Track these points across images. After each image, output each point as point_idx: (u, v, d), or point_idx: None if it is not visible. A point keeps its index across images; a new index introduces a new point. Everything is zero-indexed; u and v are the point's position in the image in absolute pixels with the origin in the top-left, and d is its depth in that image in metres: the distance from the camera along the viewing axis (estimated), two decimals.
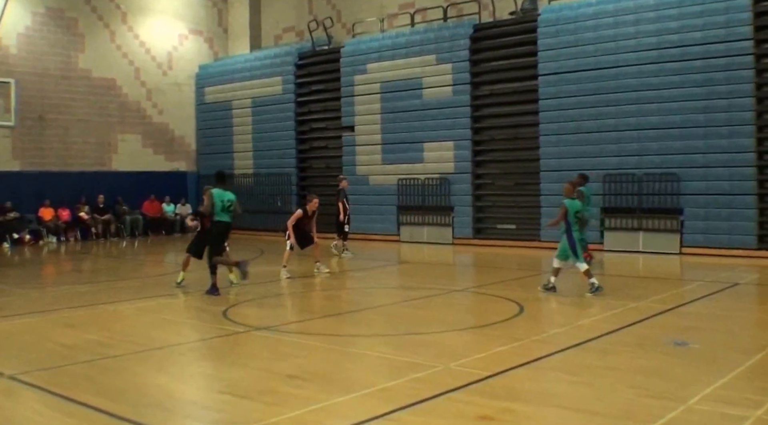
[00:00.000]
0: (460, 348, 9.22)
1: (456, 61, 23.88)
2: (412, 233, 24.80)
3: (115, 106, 29.54)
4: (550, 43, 21.89)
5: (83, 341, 9.93)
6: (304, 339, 10.02)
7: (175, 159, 31.43)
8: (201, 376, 8.44)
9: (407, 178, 24.90)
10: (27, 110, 26.47)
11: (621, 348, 9.01)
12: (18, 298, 14.05)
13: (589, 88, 21.08)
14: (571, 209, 13.05)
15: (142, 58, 30.42)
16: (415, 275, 17.70)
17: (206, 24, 32.61)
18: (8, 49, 26.42)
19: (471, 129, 23.80)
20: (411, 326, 10.92)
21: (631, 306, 11.83)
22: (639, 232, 20.32)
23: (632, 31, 20.47)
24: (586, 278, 13.08)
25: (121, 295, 14.05)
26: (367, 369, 8.41)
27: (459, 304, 13.24)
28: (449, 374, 7.84)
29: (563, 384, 7.53)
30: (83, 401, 7.09)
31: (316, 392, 7.32)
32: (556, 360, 8.44)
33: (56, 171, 27.35)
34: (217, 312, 11.83)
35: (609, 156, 20.77)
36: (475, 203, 23.87)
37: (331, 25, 28.42)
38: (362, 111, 26.21)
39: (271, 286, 15.07)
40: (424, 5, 26.31)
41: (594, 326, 10.36)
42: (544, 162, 21.94)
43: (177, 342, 10.17)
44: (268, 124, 29.37)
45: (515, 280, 14.47)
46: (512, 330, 10.27)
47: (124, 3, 29.85)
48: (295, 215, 16.23)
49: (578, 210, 13.21)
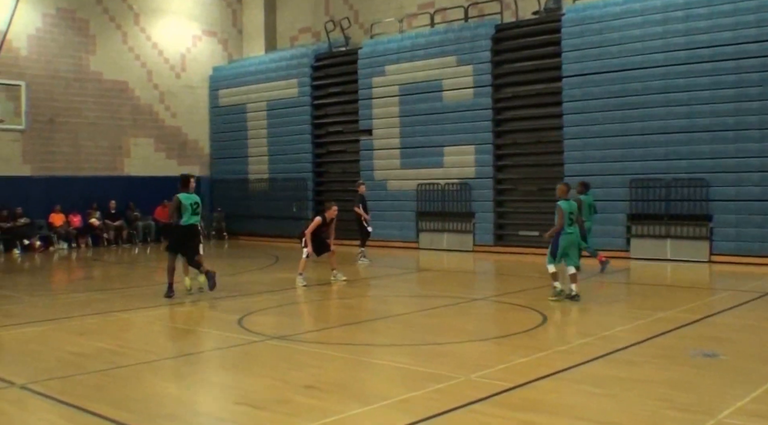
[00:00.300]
0: (481, 359, 9.22)
1: (477, 63, 23.90)
2: (432, 239, 24.82)
3: (127, 109, 29.76)
4: (575, 43, 21.88)
5: (95, 349, 10.01)
6: (321, 348, 10.06)
7: (188, 164, 31.52)
8: (216, 386, 8.49)
9: (427, 183, 24.93)
10: (37, 113, 26.68)
11: (647, 360, 8.99)
12: (28, 306, 14.17)
13: (615, 91, 21.05)
14: (566, 210, 13.13)
15: (154, 60, 30.63)
16: (435, 283, 17.72)
17: (220, 25, 32.80)
18: (18, 52, 26.66)
19: (492, 133, 23.80)
20: (430, 335, 10.94)
21: (658, 316, 11.80)
22: (666, 239, 20.25)
23: (660, 30, 20.43)
24: (551, 280, 13.24)
25: (133, 303, 14.14)
26: (386, 380, 8.43)
27: (480, 313, 13.25)
28: (470, 385, 7.85)
29: (588, 396, 7.53)
30: (96, 411, 7.14)
31: (334, 403, 7.36)
32: (580, 372, 8.43)
33: (67, 176, 27.56)
34: (232, 321, 11.88)
35: (635, 161, 20.73)
36: (496, 209, 23.86)
37: (349, 26, 28.50)
38: (380, 114, 26.27)
39: (287, 294, 15.13)
40: (444, 5, 26.36)
41: (619, 336, 10.34)
42: (569, 167, 21.90)
43: (191, 350, 10.25)
44: (283, 127, 29.48)
45: (538, 289, 14.46)
46: (535, 341, 10.28)
47: (136, 4, 30.08)
48: (314, 223, 16.22)
49: (572, 211, 13.24)
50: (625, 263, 19.82)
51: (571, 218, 13.18)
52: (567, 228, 13.14)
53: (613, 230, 20.92)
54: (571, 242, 13.32)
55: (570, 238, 13.23)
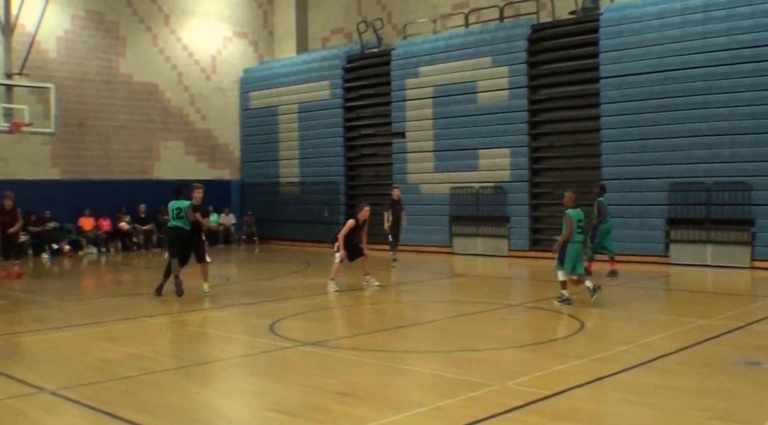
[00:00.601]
0: (517, 366, 9.21)
1: (513, 64, 23.84)
2: (466, 244, 24.78)
3: (157, 112, 30.00)
4: (613, 43, 21.76)
5: (125, 355, 10.11)
6: (354, 354, 10.09)
7: (218, 167, 31.77)
8: (248, 392, 8.54)
9: (461, 187, 24.91)
10: (67, 116, 26.88)
11: (688, 368, 8.94)
12: (57, 311, 14.35)
13: (654, 92, 20.91)
14: (575, 218, 13.32)
15: (184, 62, 30.85)
16: (469, 289, 17.70)
17: (251, 26, 32.98)
18: (47, 54, 26.96)
19: (528, 135, 23.75)
20: (465, 342, 10.94)
21: (698, 324, 11.73)
22: (707, 245, 20.07)
23: (701, 30, 20.28)
24: (560, 287, 13.46)
25: (163, 308, 14.27)
26: (420, 387, 8.45)
27: (515, 320, 13.23)
28: (506, 393, 7.85)
29: (627, 405, 7.50)
30: (127, 417, 7.21)
31: (368, 410, 7.39)
32: (619, 380, 8.40)
33: (96, 179, 27.82)
34: (264, 326, 11.94)
35: (675, 164, 20.57)
36: (532, 213, 23.79)
37: (381, 27, 28.55)
38: (414, 116, 26.27)
39: (319, 299, 15.19)
40: (479, 5, 26.30)
41: (659, 344, 10.28)
42: (606, 170, 21.78)
43: (222, 356, 10.31)
44: (315, 130, 29.56)
45: (575, 295, 14.40)
46: (573, 348, 10.25)
47: (166, 5, 30.32)
48: (347, 226, 16.16)
49: (581, 220, 13.46)
50: (665, 269, 19.70)
51: (579, 227, 13.39)
52: (575, 237, 13.33)
53: (652, 235, 20.80)
54: (578, 251, 13.49)
55: (577, 247, 13.41)
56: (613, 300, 15.16)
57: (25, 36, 25.28)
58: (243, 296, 16.34)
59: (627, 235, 20.95)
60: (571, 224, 13.29)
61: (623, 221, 21.16)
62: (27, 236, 25.18)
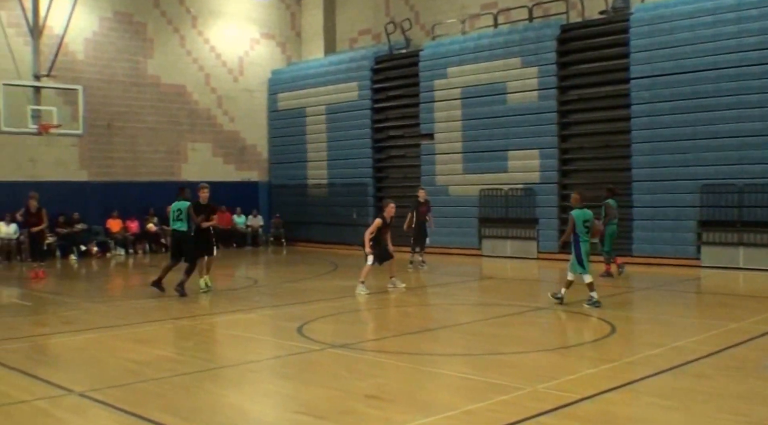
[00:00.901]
0: (547, 369, 9.17)
1: (542, 64, 23.78)
2: (495, 246, 24.73)
3: (185, 113, 30.19)
4: (644, 44, 21.65)
5: (154, 357, 10.17)
6: (382, 357, 10.11)
7: (246, 169, 31.92)
8: (276, 395, 8.57)
9: (489, 188, 24.86)
10: (94, 117, 27.10)
11: (720, 372, 8.88)
12: (86, 312, 14.46)
13: (686, 93, 20.78)
14: (578, 219, 13.50)
15: (212, 64, 31.02)
16: (498, 291, 17.67)
17: (279, 28, 33.10)
18: (75, 55, 27.22)
19: (558, 136, 23.68)
20: (494, 345, 10.93)
21: (731, 327, 11.64)
22: (739, 247, 19.89)
23: (733, 30, 20.13)
24: (588, 290, 13.53)
25: (191, 310, 14.35)
26: (449, 390, 8.43)
27: (545, 322, 13.16)
28: (536, 397, 7.82)
29: (658, 409, 7.44)
30: (155, 419, 7.26)
31: (397, 413, 7.38)
32: (650, 384, 8.35)
33: (124, 181, 28.03)
34: (292, 328, 11.98)
35: (707, 165, 20.42)
36: (561, 215, 23.64)
37: (410, 28, 28.54)
38: (442, 118, 26.26)
39: (346, 302, 15.21)
40: (508, 5, 26.23)
41: (691, 347, 10.21)
42: (637, 172, 21.69)
43: (250, 359, 10.34)
44: (343, 132, 29.63)
45: (606, 297, 14.33)
46: (603, 351, 10.20)
47: (194, 7, 30.51)
48: (374, 225, 16.10)
49: (587, 219, 13.63)
50: (696, 271, 19.57)
51: (586, 227, 13.57)
52: (584, 236, 13.53)
53: (683, 237, 20.67)
54: (588, 250, 13.69)
55: (588, 246, 13.63)
56: (643, 303, 15.11)
57: (53, 38, 25.47)
58: (271, 299, 16.40)
59: (658, 237, 20.87)
60: (573, 224, 13.53)
61: (654, 223, 21.10)
62: (54, 238, 25.47)
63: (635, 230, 21.55)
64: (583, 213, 13.65)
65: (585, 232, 13.53)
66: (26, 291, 18.16)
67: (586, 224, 13.57)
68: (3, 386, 8.75)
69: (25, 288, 18.66)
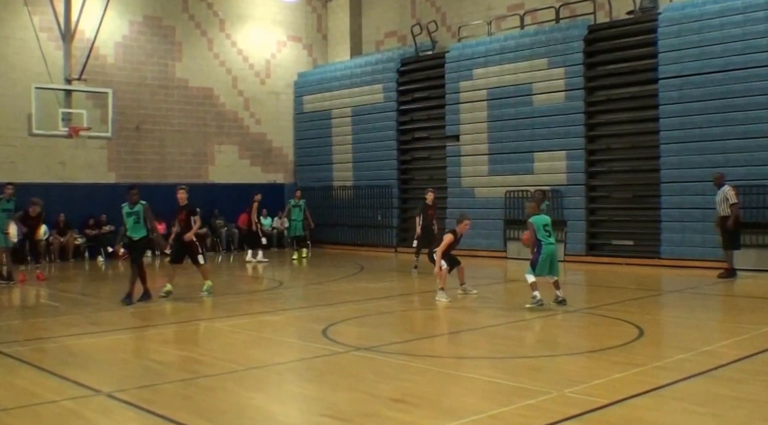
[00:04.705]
0: (574, 374, 9.05)
1: (569, 65, 23.63)
2: (520, 249, 24.44)
3: (212, 116, 30.29)
4: (672, 43, 21.44)
5: (179, 358, 10.17)
6: (407, 360, 10.02)
7: (272, 171, 31.98)
8: (301, 397, 8.52)
9: (515, 190, 24.70)
10: (123, 120, 27.29)
11: (752, 377, 8.72)
12: (112, 313, 14.49)
13: (715, 93, 20.56)
14: (539, 224, 13.93)
15: (239, 67, 31.12)
16: (524, 294, 17.50)
17: (305, 30, 33.15)
18: (105, 59, 27.39)
19: (585, 138, 23.51)
20: (520, 349, 10.83)
21: (763, 330, 11.46)
22: None
23: (763, 29, 19.87)
24: (530, 290, 13.81)
25: (216, 312, 14.37)
26: (475, 394, 8.33)
27: (572, 326, 13.05)
28: (564, 401, 7.71)
29: (689, 415, 7.31)
30: (180, 420, 7.24)
31: (422, 417, 7.30)
32: (680, 389, 8.22)
33: (152, 183, 28.04)
34: (317, 330, 11.93)
35: (737, 166, 20.14)
36: (588, 217, 23.53)
37: (435, 29, 28.47)
38: (468, 119, 26.16)
39: (372, 304, 15.15)
40: (535, 6, 26.10)
41: (722, 352, 10.06)
42: (665, 173, 21.47)
43: (275, 361, 10.30)
44: (368, 134, 29.61)
45: (633, 300, 14.18)
46: (632, 355, 10.05)
47: (221, 10, 30.62)
48: (446, 242, 15.21)
49: (546, 224, 14.02)
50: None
51: (547, 231, 13.95)
52: (546, 239, 13.86)
53: (714, 239, 20.39)
54: (550, 253, 13.90)
55: (550, 249, 13.87)
56: (672, 306, 14.94)
57: (84, 42, 25.67)
58: (296, 300, 16.37)
59: (688, 239, 20.65)
60: (533, 230, 13.88)
61: (683, 225, 20.88)
62: (83, 239, 25.61)
63: (663, 232, 21.34)
64: (542, 218, 14.08)
65: (547, 235, 13.89)
66: (54, 292, 18.29)
67: (546, 227, 13.98)
68: (32, 386, 8.78)
69: (52, 289, 18.80)
